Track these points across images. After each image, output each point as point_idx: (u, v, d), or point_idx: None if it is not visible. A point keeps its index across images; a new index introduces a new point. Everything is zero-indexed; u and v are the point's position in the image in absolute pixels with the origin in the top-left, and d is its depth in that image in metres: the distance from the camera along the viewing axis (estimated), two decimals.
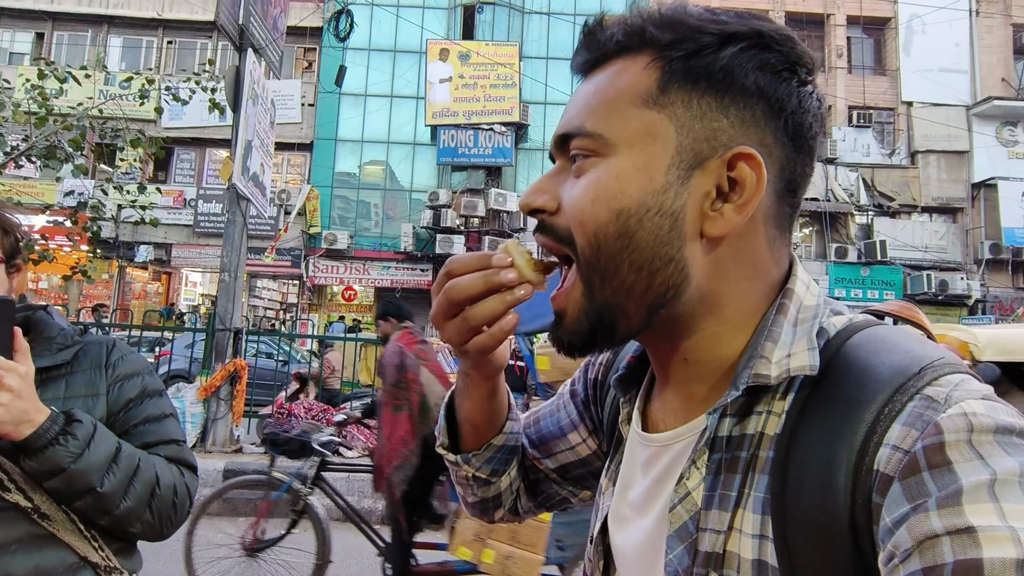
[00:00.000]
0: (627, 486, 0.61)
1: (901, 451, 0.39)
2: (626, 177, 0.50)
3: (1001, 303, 15.29)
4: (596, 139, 0.52)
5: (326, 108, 16.85)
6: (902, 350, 0.46)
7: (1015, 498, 0.35)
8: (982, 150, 15.93)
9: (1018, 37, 16.53)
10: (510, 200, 15.72)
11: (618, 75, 0.52)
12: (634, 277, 0.50)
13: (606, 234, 0.50)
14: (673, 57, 0.50)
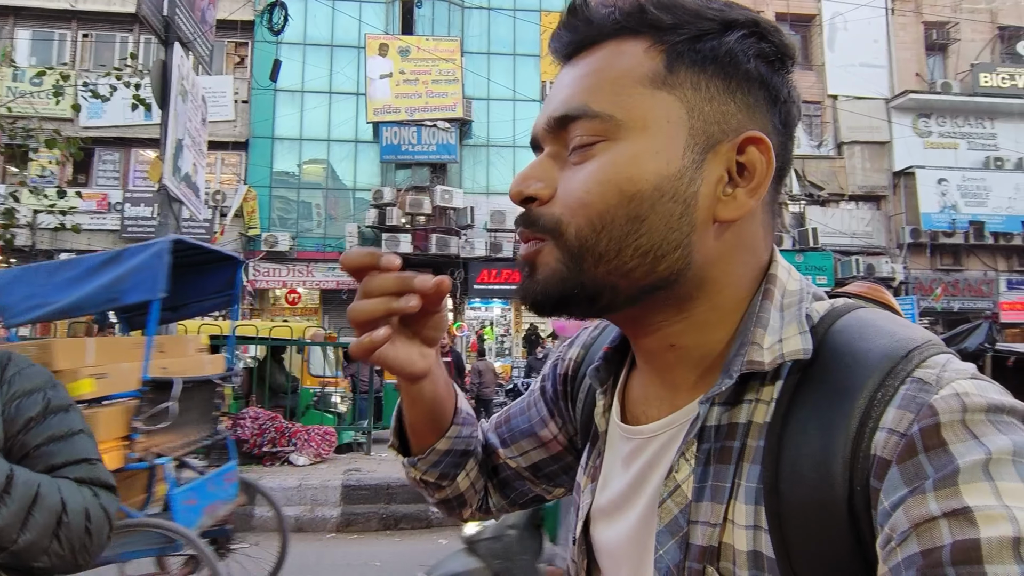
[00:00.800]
0: (608, 481, 0.60)
1: (897, 434, 0.40)
2: (644, 160, 0.48)
3: (921, 284, 16.33)
4: (606, 121, 0.49)
5: (261, 105, 16.23)
6: (887, 333, 0.46)
7: (1009, 476, 0.35)
8: (901, 140, 16.94)
9: (929, 34, 17.64)
10: (456, 197, 15.60)
11: (616, 56, 0.50)
12: (637, 262, 0.49)
13: (613, 217, 0.48)
14: (677, 40, 0.49)
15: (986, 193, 16.62)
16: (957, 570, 0.34)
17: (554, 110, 0.52)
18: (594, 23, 0.51)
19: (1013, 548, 0.33)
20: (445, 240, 15.17)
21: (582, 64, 0.52)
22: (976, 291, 16.50)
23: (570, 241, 0.49)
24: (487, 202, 16.09)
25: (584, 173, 0.50)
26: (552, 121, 0.52)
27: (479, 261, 15.55)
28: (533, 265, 0.52)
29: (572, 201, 0.50)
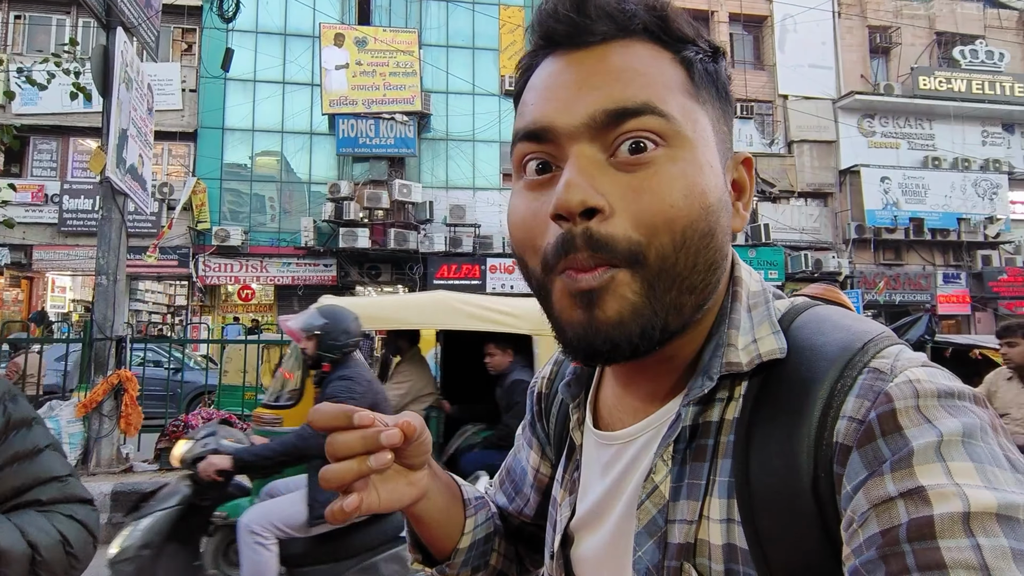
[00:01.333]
0: (587, 492, 0.60)
1: (856, 421, 0.42)
2: (709, 171, 0.48)
3: (865, 278, 17.05)
4: (670, 122, 0.47)
5: (211, 94, 15.65)
6: (843, 327, 0.48)
7: (959, 456, 0.38)
8: (847, 140, 17.61)
9: (873, 38, 18.36)
10: (415, 191, 15.42)
11: (650, 59, 0.49)
12: (702, 276, 0.48)
13: (694, 232, 0.46)
14: (695, 57, 0.50)
15: (925, 191, 17.45)
16: (913, 546, 0.36)
17: (604, 101, 0.46)
18: (614, 18, 0.48)
19: (963, 522, 0.35)
20: (404, 235, 14.99)
21: (610, 57, 0.48)
22: (916, 285, 17.33)
23: (651, 265, 0.45)
24: (446, 196, 15.97)
25: (660, 182, 0.46)
26: (604, 114, 0.46)
27: (438, 256, 15.43)
28: (600, 296, 0.46)
29: (654, 216, 0.45)
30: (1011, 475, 0.37)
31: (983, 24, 18.79)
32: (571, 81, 0.48)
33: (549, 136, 0.48)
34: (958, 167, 17.83)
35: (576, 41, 0.49)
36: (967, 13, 18.82)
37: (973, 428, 0.39)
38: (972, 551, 0.34)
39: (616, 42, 0.49)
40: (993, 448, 0.39)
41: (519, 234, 0.51)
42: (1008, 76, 18.12)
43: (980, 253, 17.61)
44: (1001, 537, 0.34)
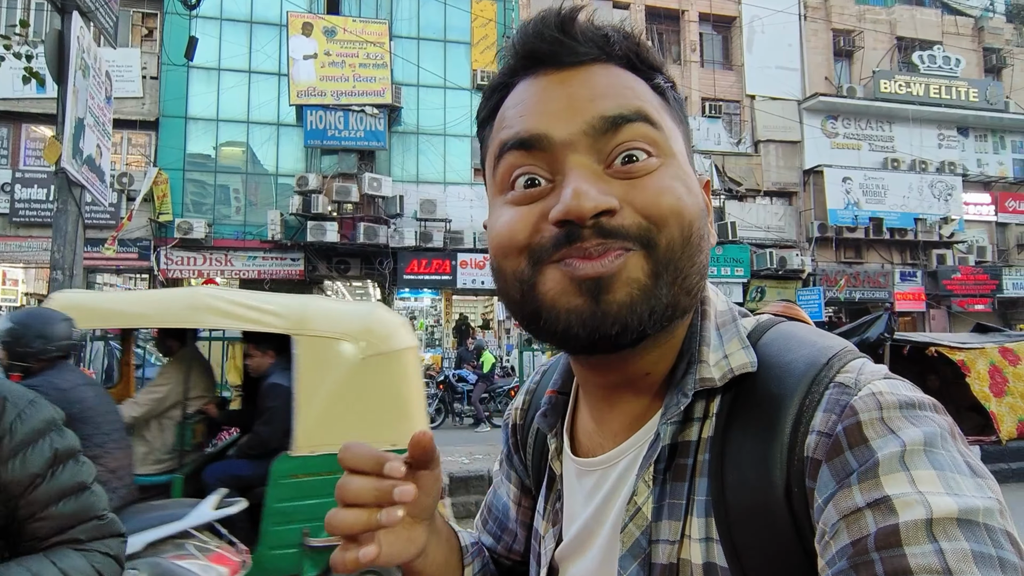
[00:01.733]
0: (571, 521, 0.59)
1: (825, 435, 0.43)
2: (692, 183, 0.50)
3: (827, 276, 17.50)
4: (661, 132, 0.50)
5: (173, 82, 15.17)
6: (809, 343, 0.50)
7: (922, 465, 0.39)
8: (811, 140, 18.02)
9: (837, 41, 18.81)
10: (385, 185, 15.23)
11: (631, 81, 0.51)
12: (697, 280, 0.49)
13: (698, 228, 0.48)
14: (666, 86, 0.53)
15: (884, 192, 17.98)
16: (881, 554, 0.37)
17: (602, 108, 0.48)
18: (597, 43, 0.50)
19: (926, 528, 0.37)
20: (373, 229, 14.80)
21: (595, 77, 0.50)
22: (875, 282, 17.87)
23: (662, 251, 0.47)
24: (417, 191, 15.82)
25: (663, 181, 0.48)
26: (602, 120, 0.48)
27: (409, 251, 15.29)
28: (609, 283, 0.46)
29: (664, 209, 0.47)
30: (971, 480, 0.39)
31: (941, 31, 19.42)
32: (562, 95, 0.49)
33: (543, 145, 0.48)
34: (916, 169, 18.43)
35: (562, 61, 0.51)
36: (926, 19, 19.42)
37: (934, 437, 0.41)
38: (936, 556, 0.35)
39: (598, 65, 0.51)
40: (953, 455, 0.40)
41: (504, 240, 0.49)
42: (963, 81, 18.77)
43: (935, 252, 18.24)
44: (962, 540, 0.36)
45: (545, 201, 0.48)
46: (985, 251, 18.66)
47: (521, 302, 0.49)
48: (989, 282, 17.86)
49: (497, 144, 0.51)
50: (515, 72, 0.53)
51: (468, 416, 10.97)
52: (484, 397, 10.96)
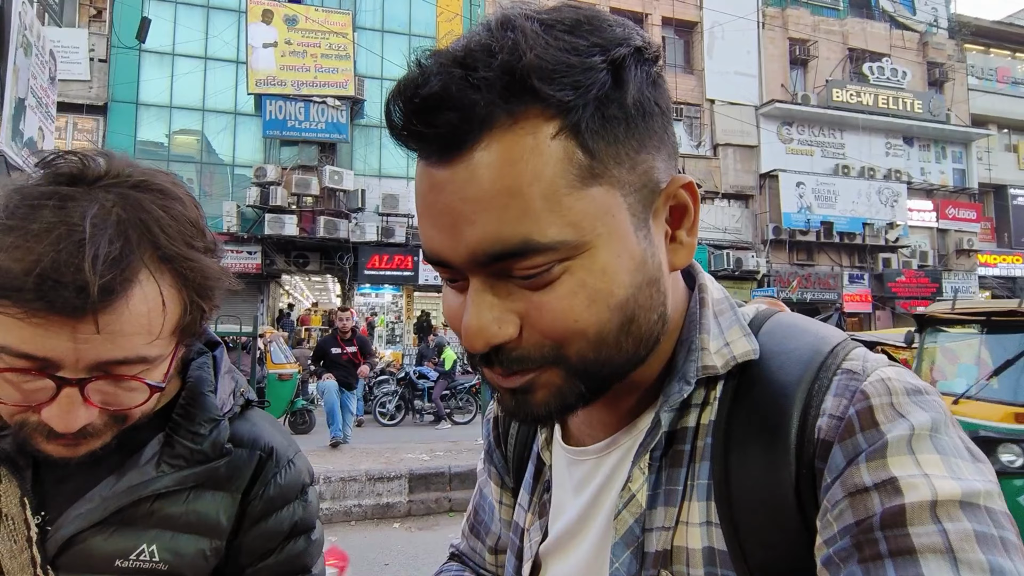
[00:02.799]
0: (559, 513, 0.58)
1: (836, 418, 0.44)
2: (613, 270, 0.45)
3: (780, 277, 18.06)
4: (558, 250, 0.43)
5: (123, 66, 14.56)
6: (811, 333, 0.51)
7: (927, 449, 0.40)
8: (767, 145, 18.56)
9: (793, 50, 19.41)
10: (346, 179, 14.98)
11: (525, 157, 0.41)
12: (632, 347, 0.48)
13: (608, 331, 0.46)
14: (584, 114, 0.42)
15: (835, 197, 18.67)
16: (885, 533, 0.38)
17: (479, 242, 0.42)
18: (469, 118, 0.41)
19: (930, 510, 0.38)
20: (334, 223, 14.54)
21: (478, 172, 0.42)
22: (825, 284, 18.54)
23: (574, 364, 0.46)
24: (379, 185, 15.62)
25: (561, 298, 0.44)
26: (485, 256, 0.43)
27: (370, 246, 15.08)
28: (528, 388, 0.47)
29: (562, 331, 0.45)
30: (971, 464, 0.41)
31: (889, 44, 20.25)
32: (444, 207, 0.44)
33: (447, 264, 0.47)
34: (864, 175, 19.18)
35: (433, 157, 0.44)
36: (875, 32, 20.22)
37: (939, 422, 0.42)
38: (940, 535, 0.37)
39: (478, 145, 0.42)
40: (955, 440, 0.42)
41: (453, 325, 0.50)
42: (909, 93, 19.63)
43: (881, 256, 19.04)
44: (965, 522, 0.37)
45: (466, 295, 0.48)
46: (927, 256, 19.58)
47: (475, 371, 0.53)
48: (930, 285, 18.75)
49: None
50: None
51: (429, 413, 10.90)
52: (445, 394, 10.91)
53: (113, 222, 0.58)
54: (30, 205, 0.58)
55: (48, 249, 0.55)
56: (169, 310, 0.62)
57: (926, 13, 20.91)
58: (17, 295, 0.55)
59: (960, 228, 20.25)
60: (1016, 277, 20.75)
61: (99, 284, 0.55)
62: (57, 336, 0.57)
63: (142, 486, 0.68)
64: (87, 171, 0.62)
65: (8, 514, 0.66)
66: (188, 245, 0.64)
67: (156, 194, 0.63)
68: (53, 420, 0.59)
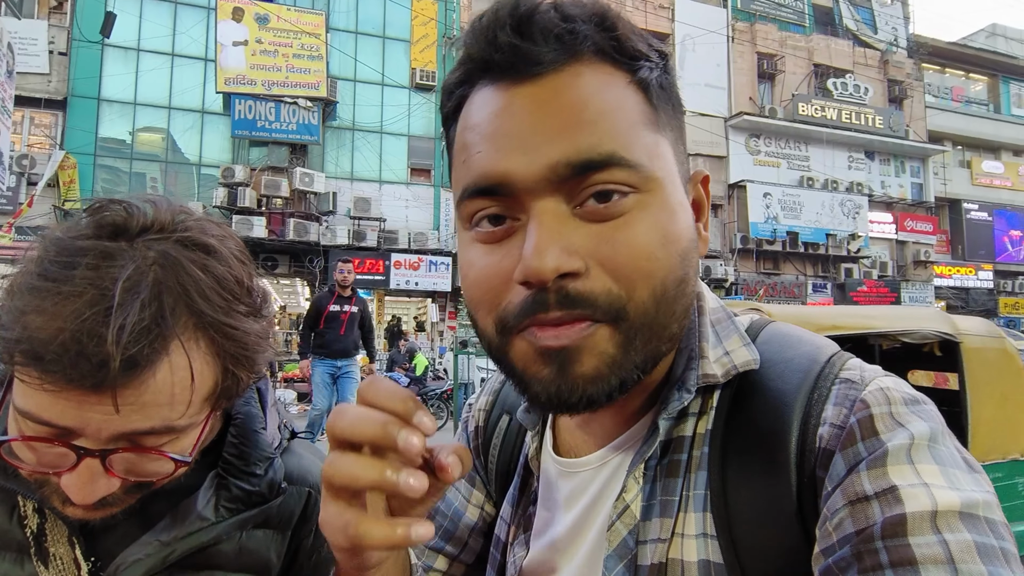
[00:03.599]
0: (547, 526, 0.56)
1: (837, 427, 0.44)
2: (679, 215, 0.46)
3: (748, 285, 18.43)
4: (639, 172, 0.43)
5: (85, 60, 14.12)
6: (807, 342, 0.51)
7: (926, 459, 0.41)
8: (736, 156, 18.96)
9: (761, 64, 19.89)
10: (317, 181, 14.77)
11: (608, 89, 0.44)
12: (679, 324, 0.47)
13: (673, 282, 0.45)
14: (651, 75, 0.47)
15: (800, 208, 19.15)
16: (886, 543, 0.38)
17: (566, 152, 0.42)
18: (562, 41, 0.43)
19: (931, 520, 0.37)
20: (304, 226, 14.31)
21: (563, 91, 0.43)
22: (790, 292, 18.97)
23: (632, 321, 0.43)
24: (351, 188, 15.44)
25: (636, 233, 0.43)
26: (568, 167, 0.42)
27: (340, 249, 14.88)
28: (575, 354, 0.43)
29: (632, 270, 0.42)
30: (968, 475, 0.41)
31: (852, 60, 20.92)
32: (524, 124, 0.43)
33: (505, 190, 0.44)
34: (828, 188, 19.73)
35: (520, 71, 0.44)
36: (839, 49, 20.86)
37: (936, 432, 0.42)
38: (940, 546, 0.36)
39: (566, 69, 0.43)
40: (951, 450, 0.42)
41: (476, 293, 0.46)
42: (871, 109, 20.29)
43: (844, 266, 19.59)
44: (965, 533, 0.37)
45: (511, 244, 0.45)
46: (887, 266, 20.23)
47: (496, 358, 0.48)
48: (889, 295, 19.37)
49: (460, 184, 0.47)
50: (471, 76, 0.47)
51: None
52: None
53: (148, 284, 0.54)
54: (64, 263, 0.54)
55: (73, 316, 0.51)
56: (201, 382, 0.58)
57: (887, 32, 21.68)
58: (38, 364, 0.51)
59: (918, 240, 20.98)
60: (969, 288, 21.58)
61: (122, 359, 0.51)
62: (78, 407, 0.53)
63: (203, 533, 0.64)
64: (131, 221, 0.57)
65: (56, 554, 0.62)
66: (229, 310, 0.59)
67: (201, 252, 0.58)
68: (71, 490, 0.55)
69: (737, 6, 19.74)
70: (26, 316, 0.52)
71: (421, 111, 16.18)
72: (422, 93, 16.12)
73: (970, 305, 21.06)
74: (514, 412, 0.64)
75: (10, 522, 0.63)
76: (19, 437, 0.55)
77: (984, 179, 22.80)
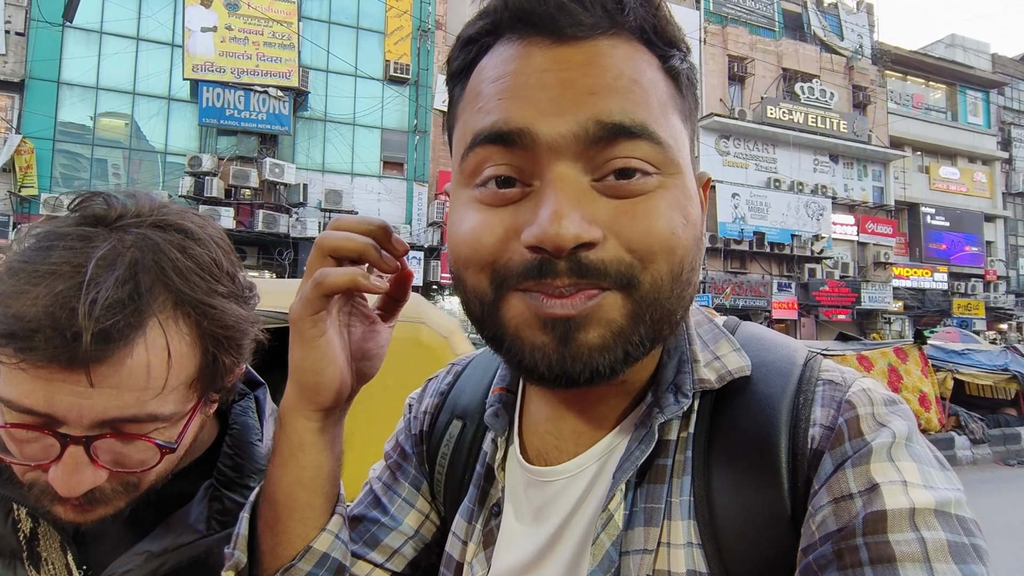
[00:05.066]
0: (511, 542, 0.52)
1: (827, 428, 0.45)
2: (695, 201, 0.46)
3: (715, 284, 18.77)
4: (665, 152, 0.42)
5: (44, 42, 13.60)
6: (780, 344, 0.52)
7: (905, 457, 0.42)
8: (706, 157, 19.24)
9: (731, 66, 20.23)
10: (288, 172, 14.53)
11: (643, 67, 0.43)
12: (683, 311, 0.47)
13: (690, 263, 0.44)
14: (682, 67, 0.46)
15: (767, 208, 19.57)
16: (866, 540, 0.38)
17: (598, 112, 0.40)
18: (608, 10, 0.42)
19: (909, 518, 0.39)
20: (273, 217, 14.07)
21: (600, 58, 0.41)
22: (756, 291, 19.39)
23: (644, 291, 0.42)
24: (322, 180, 15.23)
25: (658, 209, 0.42)
26: (598, 127, 0.40)
27: (310, 242, 14.57)
28: (581, 323, 0.41)
29: (653, 243, 0.41)
30: (941, 473, 0.42)
31: (819, 66, 21.42)
32: (556, 79, 0.41)
33: (525, 143, 0.41)
34: (794, 189, 20.20)
35: (560, 32, 0.41)
36: (807, 54, 21.34)
37: (912, 430, 0.44)
38: (918, 544, 0.37)
39: (604, 38, 0.42)
40: (925, 449, 0.44)
41: (466, 250, 0.44)
42: (836, 113, 20.83)
43: (807, 266, 20.09)
44: (939, 531, 0.38)
45: (518, 208, 0.42)
46: (848, 267, 20.82)
47: (482, 321, 0.45)
48: (850, 295, 19.95)
49: (470, 132, 0.44)
50: (499, 26, 0.44)
51: None
52: None
53: (124, 263, 0.53)
54: (44, 247, 0.55)
55: (47, 292, 0.51)
56: (181, 363, 0.56)
57: (852, 39, 22.26)
58: (13, 341, 0.51)
59: (878, 242, 21.64)
60: (926, 289, 22.37)
61: (94, 331, 0.50)
62: (58, 389, 0.52)
63: (193, 546, 0.63)
64: (111, 211, 0.58)
65: (48, 559, 0.62)
66: (209, 291, 0.58)
67: (178, 234, 0.59)
68: (58, 482, 0.54)
69: (709, 9, 20.02)
70: (4, 297, 0.52)
71: (395, 104, 16.03)
72: (396, 86, 15.96)
73: (926, 306, 21.84)
74: (467, 417, 0.60)
75: (4, 526, 0.63)
76: (2, 424, 0.54)
77: (941, 184, 23.64)
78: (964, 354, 9.77)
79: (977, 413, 9.73)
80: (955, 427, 9.38)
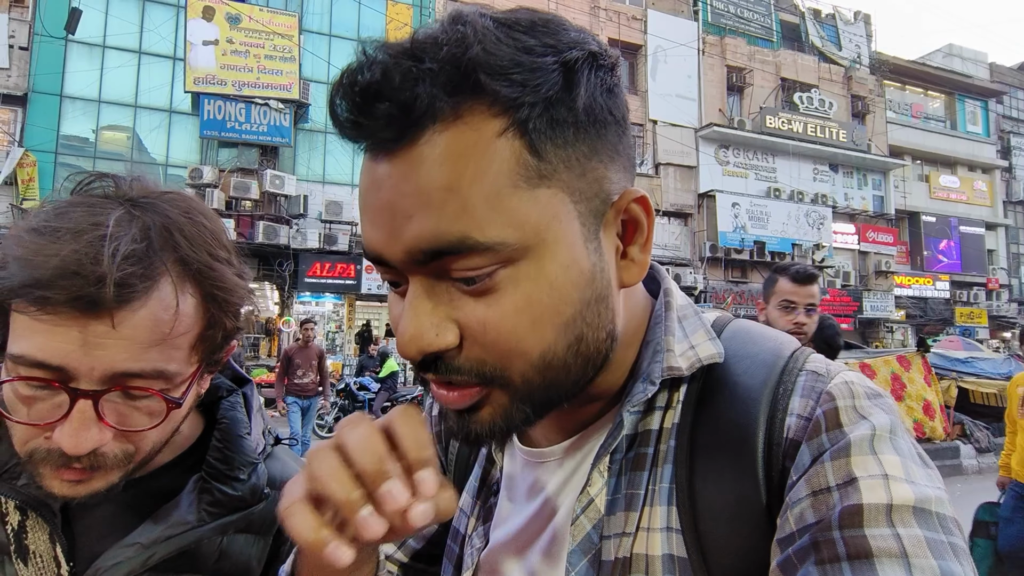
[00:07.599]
0: (507, 518, 0.55)
1: (804, 418, 0.44)
2: (560, 283, 0.42)
3: (717, 293, 18.75)
4: (499, 251, 0.40)
5: (47, 55, 13.70)
6: (770, 337, 0.52)
7: (887, 451, 0.41)
8: (705, 166, 19.32)
9: (730, 76, 20.34)
10: (288, 183, 14.57)
11: (467, 153, 0.39)
12: (580, 368, 0.45)
13: (555, 353, 0.43)
14: (532, 113, 0.40)
15: (767, 218, 19.59)
16: (843, 533, 0.38)
17: (416, 238, 0.40)
18: (410, 112, 0.39)
19: (886, 513, 0.38)
20: (274, 229, 14.09)
21: (419, 167, 0.40)
22: (757, 301, 19.37)
23: (518, 386, 0.43)
24: (322, 191, 15.28)
25: (505, 316, 0.41)
26: (422, 253, 0.41)
27: (311, 253, 14.70)
28: (473, 408, 0.45)
29: (504, 349, 0.42)
30: (922, 470, 0.41)
31: (817, 76, 21.54)
32: (384, 203, 0.41)
33: (386, 263, 0.43)
34: (794, 199, 20.23)
35: (377, 149, 0.42)
36: (805, 64, 21.47)
37: (896, 425, 0.43)
38: (895, 540, 0.37)
39: (424, 135, 0.40)
40: (908, 444, 0.43)
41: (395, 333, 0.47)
42: (835, 123, 20.91)
43: None
44: (916, 528, 0.38)
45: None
46: (850, 276, 20.80)
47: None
48: (852, 304, 19.92)
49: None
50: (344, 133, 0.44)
51: None
52: (386, 406, 10.71)
53: (139, 225, 0.59)
54: (61, 212, 0.59)
55: (70, 242, 0.55)
56: (186, 322, 0.60)
57: (850, 50, 22.40)
58: (35, 290, 0.54)
59: (879, 251, 21.65)
60: (927, 297, 22.34)
61: (117, 277, 0.54)
62: (73, 339, 0.55)
63: (184, 536, 0.65)
64: (119, 189, 0.64)
65: (36, 551, 0.62)
66: (210, 255, 0.63)
67: (183, 205, 0.64)
68: (64, 439, 0.55)
69: (708, 20, 20.16)
70: (27, 253, 0.55)
71: None
72: None
73: (928, 315, 21.79)
74: None
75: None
76: (14, 378, 0.56)
77: (941, 192, 23.69)
78: (967, 362, 9.72)
79: (982, 421, 9.66)
80: (960, 436, 9.31)
